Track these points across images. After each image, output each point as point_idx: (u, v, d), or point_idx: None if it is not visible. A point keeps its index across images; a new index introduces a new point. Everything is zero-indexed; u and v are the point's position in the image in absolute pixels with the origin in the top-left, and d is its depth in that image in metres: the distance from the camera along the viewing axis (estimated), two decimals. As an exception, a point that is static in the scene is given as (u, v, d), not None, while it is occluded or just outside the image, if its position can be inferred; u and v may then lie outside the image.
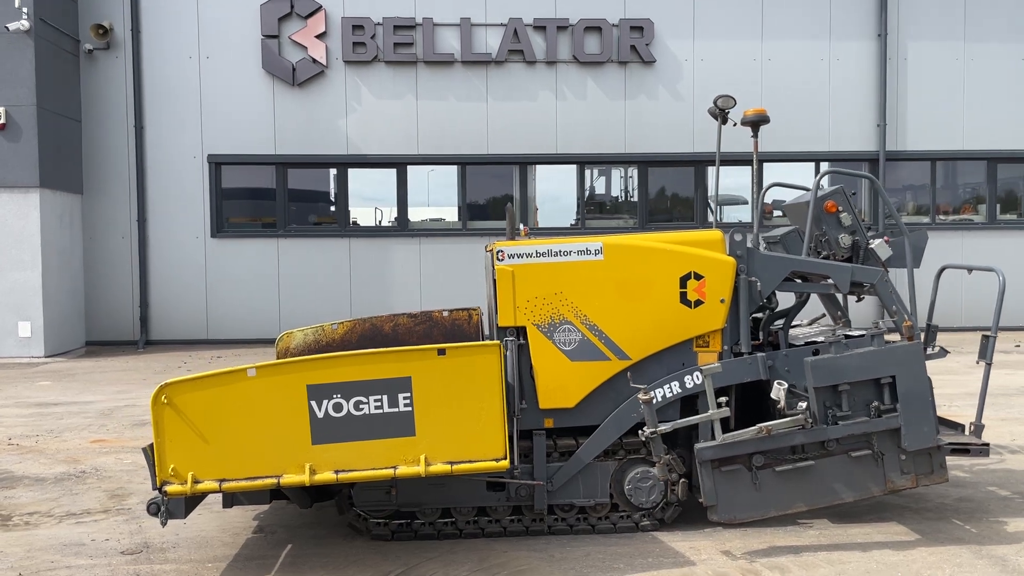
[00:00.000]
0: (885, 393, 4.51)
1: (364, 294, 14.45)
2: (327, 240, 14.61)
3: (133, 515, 5.41)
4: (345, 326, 6.52)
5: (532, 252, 4.80)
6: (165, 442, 3.88)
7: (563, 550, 4.63)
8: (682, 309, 4.82)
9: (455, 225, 14.86)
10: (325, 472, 3.97)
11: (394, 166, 14.62)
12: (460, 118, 14.43)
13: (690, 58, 14.69)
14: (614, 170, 15.59)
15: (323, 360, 3.96)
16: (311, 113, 14.32)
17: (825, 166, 15.14)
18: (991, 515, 5.12)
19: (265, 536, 4.98)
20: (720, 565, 4.35)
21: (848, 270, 4.98)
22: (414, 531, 4.84)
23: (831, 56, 14.95)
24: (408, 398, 3.97)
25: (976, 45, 15.13)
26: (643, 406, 4.34)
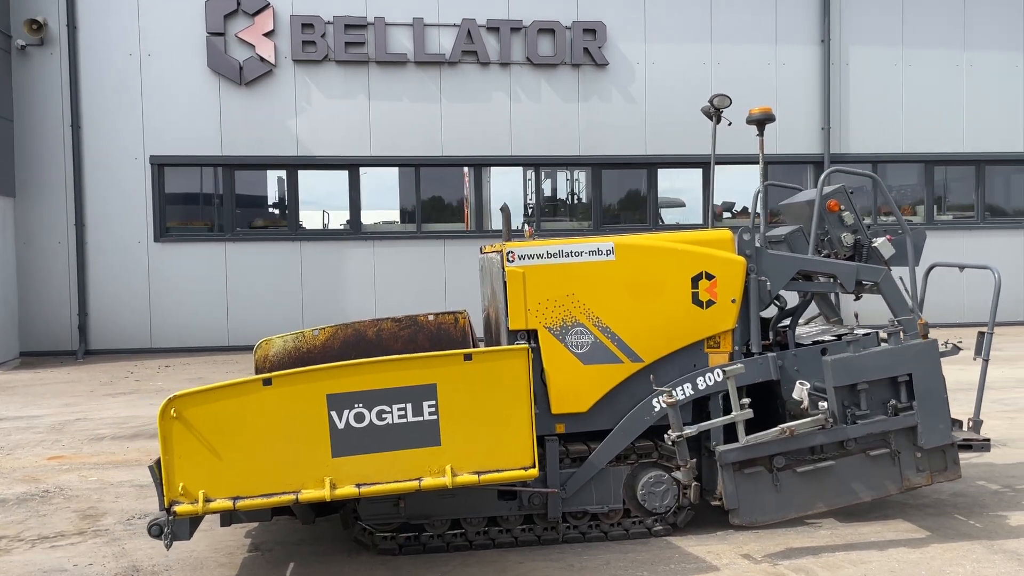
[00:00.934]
0: (902, 391, 4.52)
1: (317, 299, 14.08)
2: (277, 244, 14.19)
3: (112, 537, 5.08)
4: (327, 332, 6.31)
5: (543, 253, 4.67)
6: (174, 459, 3.62)
7: (581, 559, 4.50)
8: (694, 309, 4.75)
9: (410, 228, 14.61)
10: (346, 486, 3.76)
11: (346, 168, 14.30)
12: (414, 119, 14.20)
13: (642, 61, 14.76)
14: (560, 172, 15.56)
15: (344, 368, 3.75)
16: (259, 113, 13.90)
17: (772, 168, 15.39)
18: (989, 509, 5.19)
19: (262, 555, 4.72)
20: (744, 569, 4.29)
21: (854, 269, 4.99)
22: (422, 544, 4.65)
23: (777, 61, 15.22)
24: (433, 406, 3.79)
25: (913, 51, 15.60)
26: (668, 409, 4.24)
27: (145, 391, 10.30)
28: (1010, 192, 16.72)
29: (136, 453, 7.18)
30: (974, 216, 16.11)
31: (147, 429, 8.12)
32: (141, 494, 5.97)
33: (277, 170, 14.31)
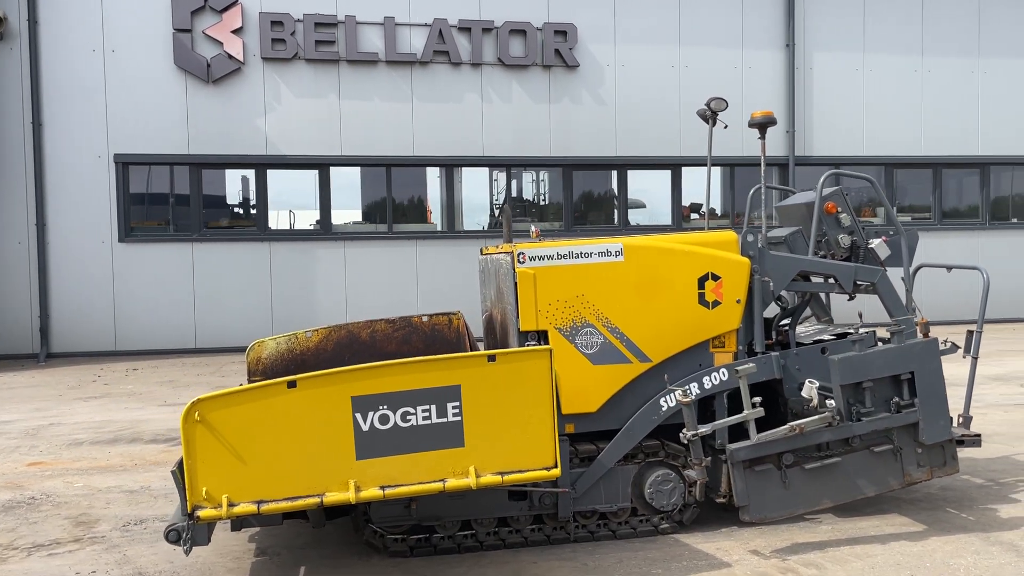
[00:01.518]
0: (904, 389, 4.64)
1: (286, 300, 13.92)
2: (245, 244, 14.00)
3: (111, 543, 4.97)
4: (320, 333, 6.26)
5: (553, 254, 4.70)
6: (197, 463, 3.56)
7: (593, 558, 4.54)
8: (700, 310, 4.82)
9: (380, 228, 14.52)
10: (371, 488, 3.74)
11: (316, 167, 14.17)
12: (385, 119, 14.13)
13: (612, 63, 14.89)
14: (526, 173, 15.62)
15: (370, 369, 3.73)
16: (228, 111, 13.70)
17: (739, 170, 15.66)
18: (978, 503, 5.35)
19: (271, 559, 4.67)
20: (756, 565, 4.37)
21: (852, 269, 5.10)
22: (433, 546, 4.64)
23: (744, 64, 15.47)
24: (457, 407, 3.79)
25: (874, 56, 15.99)
26: (684, 408, 4.30)
27: (116, 395, 10.08)
28: (962, 194, 17.21)
29: (119, 458, 7.04)
30: (931, 218, 16.55)
31: (125, 434, 7.96)
32: (132, 500, 5.85)
33: (245, 169, 14.12)
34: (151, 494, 5.99)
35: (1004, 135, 16.53)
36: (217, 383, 10.78)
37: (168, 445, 7.47)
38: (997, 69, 16.41)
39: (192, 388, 10.43)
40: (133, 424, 8.37)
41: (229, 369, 11.96)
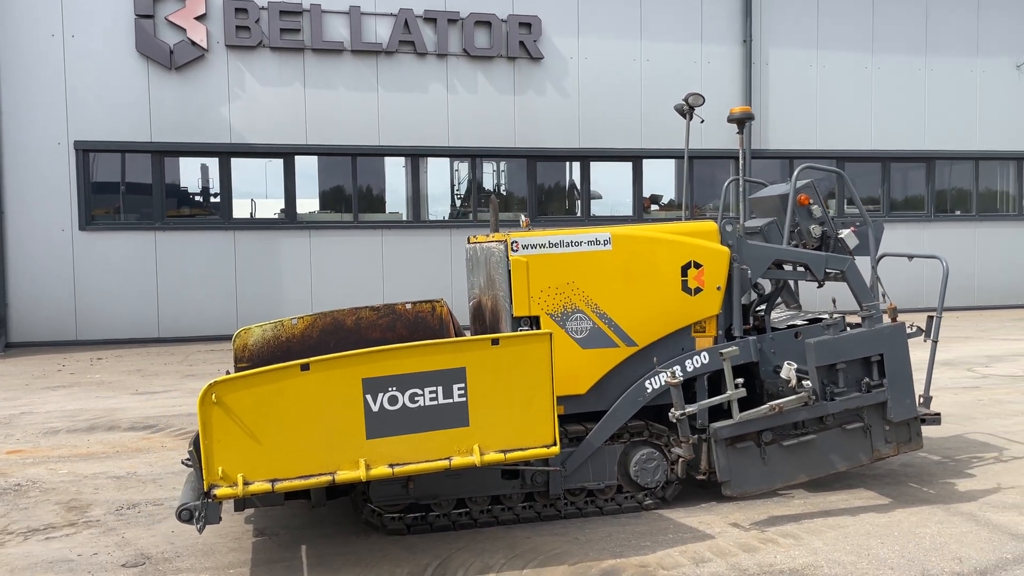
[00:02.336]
0: (874, 370, 4.94)
1: (251, 290, 13.90)
2: (209, 233, 13.92)
3: (107, 527, 5.04)
4: (305, 320, 6.37)
5: (545, 243, 4.89)
6: (213, 443, 3.69)
7: (584, 532, 4.76)
8: (684, 296, 5.06)
9: (346, 218, 14.56)
10: (380, 467, 3.90)
11: (281, 156, 14.14)
12: (350, 108, 14.15)
13: (575, 55, 15.10)
14: (486, 164, 15.76)
15: (380, 353, 3.88)
16: (191, 99, 13.59)
17: (697, 162, 16.01)
18: (937, 477, 5.70)
19: (270, 539, 4.79)
20: (737, 536, 4.63)
21: (823, 258, 5.39)
22: (429, 523, 4.81)
23: (703, 59, 15.82)
24: (463, 388, 3.97)
25: (827, 53, 16.47)
26: (672, 389, 4.54)
27: (85, 384, 10.02)
28: (908, 188, 17.84)
29: (99, 446, 7.06)
30: (879, 210, 17.13)
31: (101, 422, 7.96)
32: (120, 485, 5.91)
33: (209, 157, 14.03)
34: (139, 480, 6.05)
35: (948, 131, 17.16)
36: (186, 372, 10.77)
37: (147, 433, 7.50)
38: (942, 67, 17.02)
39: (161, 377, 10.41)
40: (108, 412, 8.36)
41: (197, 358, 11.93)
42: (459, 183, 15.48)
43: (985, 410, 7.89)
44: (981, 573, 4.08)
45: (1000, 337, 13.05)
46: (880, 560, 4.26)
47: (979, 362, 10.70)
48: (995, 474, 5.76)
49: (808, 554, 4.36)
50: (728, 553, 4.39)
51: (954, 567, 4.16)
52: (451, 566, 4.30)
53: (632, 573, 4.16)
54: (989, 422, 7.38)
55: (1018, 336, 13.19)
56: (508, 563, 4.32)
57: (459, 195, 15.50)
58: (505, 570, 4.23)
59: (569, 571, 4.21)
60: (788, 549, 4.43)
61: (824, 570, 4.15)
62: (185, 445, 7.01)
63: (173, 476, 6.11)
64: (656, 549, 4.46)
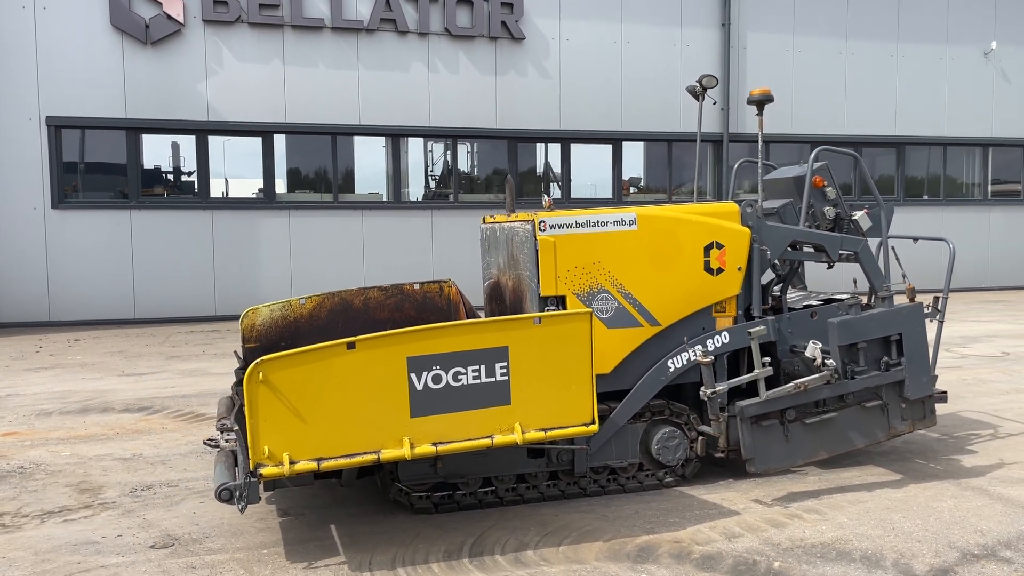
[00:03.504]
0: (893, 349, 5.05)
1: (229, 270, 13.70)
2: (186, 212, 13.68)
3: (125, 509, 4.96)
4: (313, 300, 6.33)
5: (572, 223, 4.89)
6: (259, 422, 3.65)
7: (610, 510, 4.80)
8: (706, 277, 5.11)
9: (326, 198, 14.39)
10: (424, 445, 3.89)
11: (259, 134, 13.92)
12: (330, 87, 13.98)
13: (556, 37, 15.07)
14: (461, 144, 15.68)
15: (424, 332, 3.86)
16: (167, 75, 13.30)
17: (677, 145, 16.13)
18: (940, 454, 5.86)
19: (296, 519, 4.76)
20: (762, 512, 4.71)
21: (838, 240, 5.48)
22: (456, 502, 4.82)
23: (682, 42, 15.89)
24: (505, 367, 3.97)
25: (802, 38, 16.65)
26: (703, 368, 4.59)
27: (67, 365, 9.81)
28: (880, 172, 18.17)
29: (97, 428, 6.93)
30: (852, 195, 17.42)
31: (94, 403, 7.81)
32: (129, 467, 5.82)
33: (185, 135, 13.75)
34: (146, 461, 5.96)
35: (918, 117, 17.49)
36: (170, 353, 10.60)
37: (144, 414, 7.38)
38: (913, 54, 17.33)
39: (145, 358, 10.24)
40: (98, 394, 8.21)
41: (178, 339, 11.75)
42: (433, 163, 15.38)
43: (971, 389, 8.10)
44: (1005, 544, 4.21)
45: (971, 319, 13.39)
46: (906, 533, 4.37)
47: (955, 343, 10.97)
48: (995, 450, 5.93)
49: (835, 528, 4.45)
50: (757, 528, 4.47)
51: (978, 539, 4.28)
52: (486, 543, 4.31)
53: (667, 549, 4.21)
54: (978, 400, 7.58)
55: (988, 318, 13.55)
56: (543, 540, 4.34)
57: (434, 176, 15.41)
58: (541, 547, 4.26)
59: (605, 547, 4.25)
60: (815, 524, 4.52)
61: (853, 543, 4.25)
62: (186, 427, 6.92)
63: (181, 458, 6.03)
64: (686, 525, 4.53)
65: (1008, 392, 7.96)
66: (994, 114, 17.96)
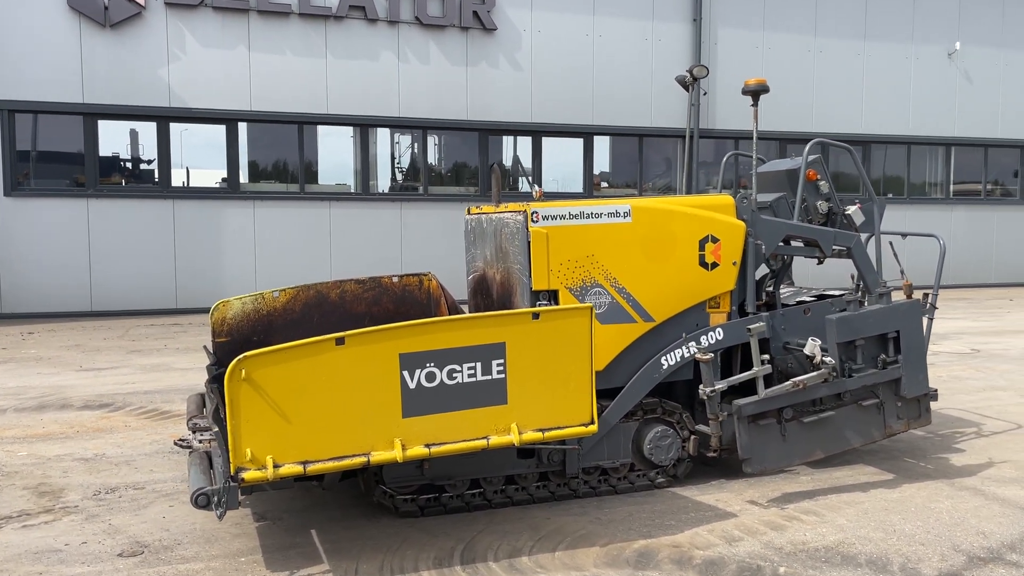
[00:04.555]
0: (890, 346, 4.94)
1: (191, 262, 13.29)
2: (146, 202, 13.24)
3: (89, 513, 4.67)
4: (288, 293, 6.09)
5: (565, 214, 4.71)
6: (241, 423, 3.40)
7: (603, 512, 4.63)
8: (700, 271, 4.96)
9: (292, 188, 14.04)
10: (416, 447, 3.68)
11: (223, 122, 13.51)
12: (297, 74, 13.62)
13: (528, 28, 14.86)
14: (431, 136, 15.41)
15: (417, 327, 3.65)
16: (126, 59, 12.84)
17: (648, 141, 16.04)
18: (928, 452, 5.79)
19: (274, 524, 4.51)
20: (760, 514, 4.58)
21: (831, 234, 5.36)
22: (443, 505, 4.61)
23: (654, 36, 15.78)
24: (502, 365, 3.77)
25: (772, 35, 16.65)
26: (703, 366, 4.43)
27: (22, 359, 9.39)
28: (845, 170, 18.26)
29: (56, 426, 6.58)
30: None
31: (51, 400, 7.45)
32: (91, 468, 5.51)
33: (146, 121, 13.29)
34: (109, 462, 5.65)
35: (884, 115, 17.61)
36: (130, 348, 10.22)
37: (104, 412, 7.04)
38: (879, 53, 17.43)
39: (104, 353, 9.84)
40: (56, 390, 7.83)
41: (138, 333, 11.34)
42: (401, 155, 15.09)
43: (948, 387, 8.08)
44: (1010, 547, 4.12)
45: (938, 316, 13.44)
46: (908, 536, 4.26)
47: (927, 340, 10.99)
48: (982, 448, 5.87)
49: (835, 531, 4.33)
50: (756, 531, 4.33)
51: (981, 542, 4.19)
52: (477, 549, 4.11)
53: (667, 554, 4.05)
54: (956, 398, 7.56)
55: (953, 315, 13.66)
56: (536, 545, 4.16)
57: (402, 168, 15.12)
58: (536, 552, 4.07)
59: (602, 553, 4.07)
60: (814, 526, 4.40)
61: (856, 547, 4.13)
62: (151, 425, 6.62)
63: (147, 458, 5.73)
64: (683, 528, 4.37)
65: (985, 389, 7.96)
66: (957, 114, 18.16)
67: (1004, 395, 7.71)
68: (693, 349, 4.93)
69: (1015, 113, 18.48)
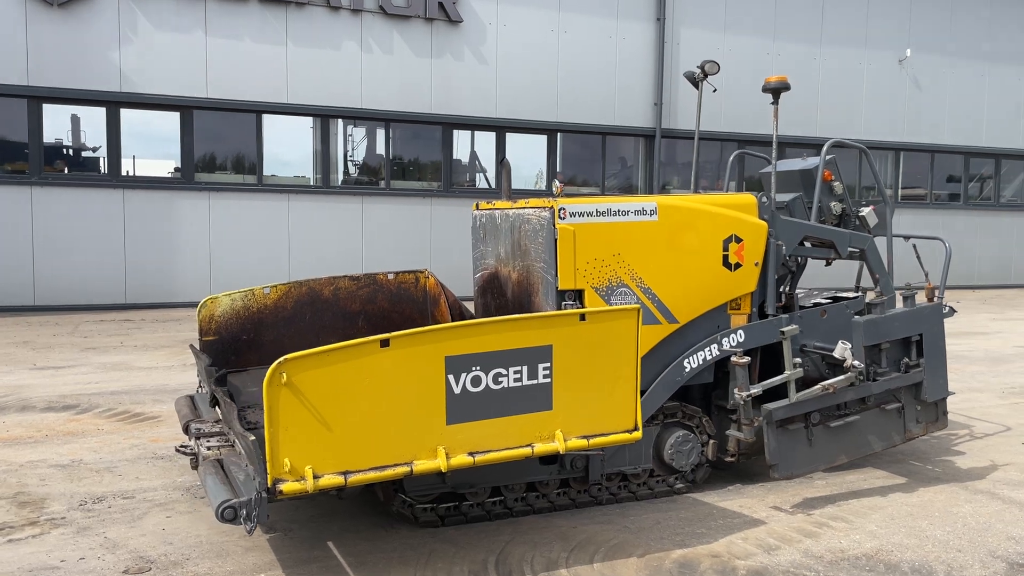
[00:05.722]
0: (913, 350, 4.90)
1: (142, 255, 12.71)
2: (95, 191, 12.60)
3: (79, 526, 4.32)
4: (279, 290, 5.83)
5: (592, 211, 4.54)
6: (279, 431, 3.14)
7: (628, 520, 4.48)
8: (724, 272, 4.84)
9: (250, 180, 13.54)
10: (460, 455, 3.46)
11: (178, 109, 12.95)
12: (256, 62, 13.14)
13: (494, 21, 14.64)
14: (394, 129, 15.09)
15: (464, 328, 3.43)
16: (75, 40, 12.20)
17: (611, 139, 15.99)
18: (930, 455, 5.79)
19: (286, 535, 4.24)
20: (788, 520, 4.48)
21: (847, 236, 5.31)
22: (464, 514, 4.40)
23: (618, 35, 15.72)
24: (548, 368, 3.58)
25: (733, 37, 16.75)
26: (737, 370, 4.31)
27: (-33, 356, 8.81)
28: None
29: (20, 429, 6.14)
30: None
31: (9, 401, 6.97)
32: (70, 475, 5.13)
33: (96, 107, 12.65)
34: (89, 468, 5.27)
35: (837, 120, 17.90)
36: (84, 345, 9.69)
37: (71, 414, 6.61)
38: (834, 57, 17.70)
39: (57, 350, 9.30)
40: (12, 391, 7.34)
41: (88, 329, 10.78)
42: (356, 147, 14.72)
43: (926, 388, 8.17)
44: (1046, 553, 4.11)
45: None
46: (942, 542, 4.21)
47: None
48: (980, 451, 5.90)
49: (869, 538, 4.26)
50: (790, 539, 4.23)
51: (1015, 547, 4.17)
52: (511, 561, 3.91)
53: (709, 564, 3.92)
54: (938, 400, 7.62)
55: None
56: (571, 556, 3.98)
57: (358, 162, 14.76)
58: (573, 564, 3.89)
59: (641, 564, 3.92)
60: (846, 533, 4.32)
61: (895, 554, 4.06)
62: (125, 428, 6.24)
63: (129, 464, 5.37)
64: (717, 536, 4.25)
65: (963, 392, 8.04)
66: (906, 120, 18.58)
67: (982, 396, 7.82)
68: (715, 352, 4.82)
69: (961, 120, 19.00)
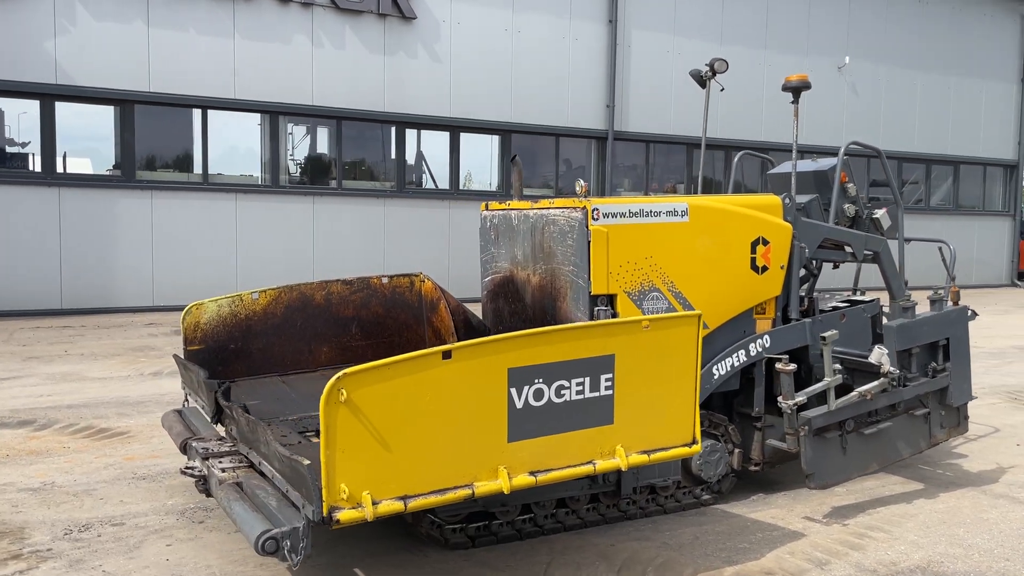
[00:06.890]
0: (939, 354, 4.84)
1: (79, 258, 11.98)
2: (27, 189, 11.83)
3: (71, 558, 3.89)
4: (268, 295, 5.49)
5: (625, 211, 4.33)
6: (337, 453, 2.82)
7: (663, 535, 4.28)
8: (752, 275, 4.70)
9: (194, 179, 12.91)
10: (521, 475, 3.20)
11: (118, 103, 12.26)
12: (201, 55, 12.55)
13: (448, 19, 14.35)
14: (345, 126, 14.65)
15: (527, 337, 3.15)
16: (8, 29, 11.45)
17: (564, 141, 15.86)
18: (936, 459, 5.75)
19: (307, 562, 3.86)
20: (826, 531, 4.35)
21: (863, 238, 5.23)
22: (494, 533, 4.13)
23: (571, 35, 15.61)
24: (610, 380, 3.34)
25: (683, 40, 16.84)
26: (783, 377, 4.15)
27: None
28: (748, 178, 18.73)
29: (-25, 448, 5.60)
30: (722, 196, 17.80)
31: (-45, 416, 6.37)
32: (45, 500, 4.66)
33: (29, 99, 11.87)
34: (65, 492, 4.80)
35: (781, 125, 18.15)
36: (25, 354, 9.02)
37: (29, 430, 6.07)
38: (777, 63, 17.94)
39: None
40: (-44, 404, 6.73)
41: (26, 337, 10.06)
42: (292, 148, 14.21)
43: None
44: (1091, 559, 4.06)
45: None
46: (987, 551, 4.13)
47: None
48: (982, 453, 5.90)
49: (914, 548, 4.15)
50: (837, 552, 4.09)
51: (1058, 554, 4.12)
52: (558, 586, 3.67)
53: (764, 582, 3.74)
54: (918, 401, 7.67)
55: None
56: (621, 578, 3.75)
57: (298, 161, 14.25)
58: (625, 587, 3.67)
59: (695, 583, 3.72)
60: (889, 543, 4.21)
61: (947, 566, 3.96)
62: (94, 445, 5.77)
63: (107, 486, 4.92)
64: (762, 551, 4.08)
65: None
66: (845, 126, 18.98)
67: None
68: (743, 358, 4.67)
69: (895, 126, 19.53)
